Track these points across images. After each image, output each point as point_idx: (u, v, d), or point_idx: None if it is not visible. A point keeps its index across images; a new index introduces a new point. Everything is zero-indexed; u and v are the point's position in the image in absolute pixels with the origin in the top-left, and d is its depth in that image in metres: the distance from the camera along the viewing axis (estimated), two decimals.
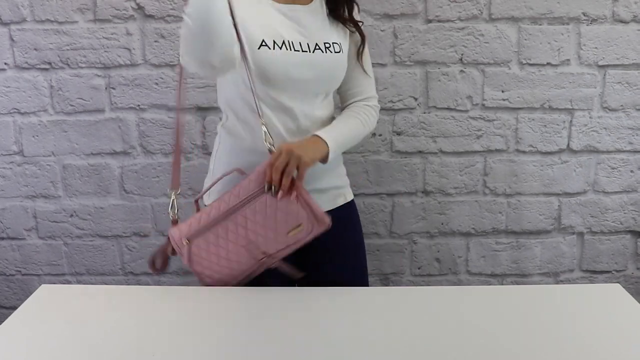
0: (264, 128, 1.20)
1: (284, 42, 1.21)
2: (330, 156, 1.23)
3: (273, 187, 1.13)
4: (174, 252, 1.24)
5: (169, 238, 1.24)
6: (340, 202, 1.40)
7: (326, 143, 1.22)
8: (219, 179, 1.26)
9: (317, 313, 1.14)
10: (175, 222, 1.23)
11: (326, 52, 1.26)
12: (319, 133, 1.23)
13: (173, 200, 1.25)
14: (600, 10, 1.79)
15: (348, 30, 1.33)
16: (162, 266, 1.28)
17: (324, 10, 1.30)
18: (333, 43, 1.27)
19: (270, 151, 1.18)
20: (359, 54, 1.34)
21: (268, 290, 1.26)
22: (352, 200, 1.44)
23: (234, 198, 1.18)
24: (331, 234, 1.22)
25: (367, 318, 1.12)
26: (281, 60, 1.21)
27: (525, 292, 1.28)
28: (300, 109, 1.26)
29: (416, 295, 1.24)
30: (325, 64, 1.26)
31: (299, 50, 1.23)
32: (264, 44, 1.20)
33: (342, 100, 1.39)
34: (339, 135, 1.27)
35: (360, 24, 1.34)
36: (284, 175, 1.13)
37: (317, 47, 1.25)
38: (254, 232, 1.18)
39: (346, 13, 1.32)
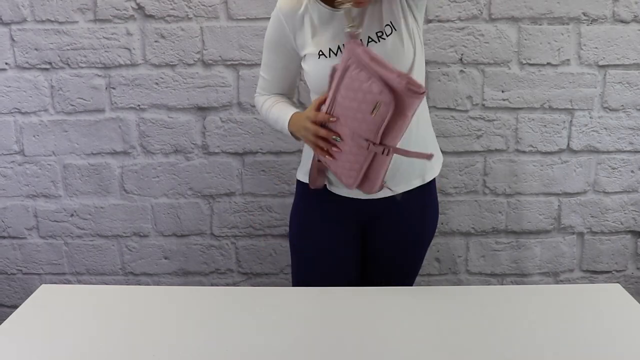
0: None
1: (330, 50, 1.24)
2: None
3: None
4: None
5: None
6: (416, 183, 1.31)
7: None
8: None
9: (317, 313, 1.14)
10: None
11: (379, 40, 1.23)
12: None
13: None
14: (600, 10, 1.79)
15: None
16: (321, 182, 1.31)
17: None
18: (385, 25, 1.24)
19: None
20: None
21: (268, 290, 1.26)
22: (431, 182, 1.35)
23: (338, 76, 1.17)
24: (394, 221, 1.34)
25: (367, 318, 1.12)
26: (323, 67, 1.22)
27: (525, 292, 1.28)
28: None
29: (416, 295, 1.24)
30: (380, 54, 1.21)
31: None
32: (321, 53, 1.24)
33: None
34: None
35: None
36: None
37: (369, 40, 1.23)
38: (348, 116, 1.15)
39: None
